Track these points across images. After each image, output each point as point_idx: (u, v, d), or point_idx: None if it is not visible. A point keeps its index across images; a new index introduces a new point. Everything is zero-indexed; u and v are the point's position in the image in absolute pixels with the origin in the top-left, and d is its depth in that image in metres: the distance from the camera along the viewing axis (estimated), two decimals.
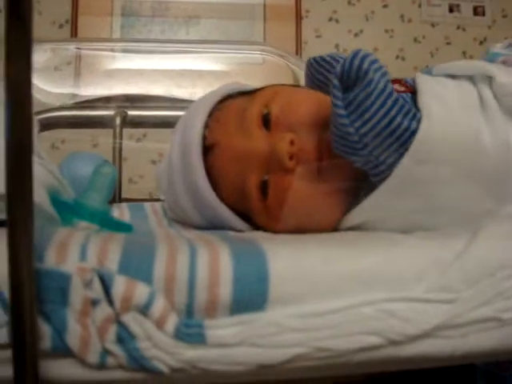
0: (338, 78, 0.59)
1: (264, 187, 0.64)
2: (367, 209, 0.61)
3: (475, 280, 0.49)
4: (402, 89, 0.67)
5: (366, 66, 0.57)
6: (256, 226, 0.68)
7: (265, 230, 0.66)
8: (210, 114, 0.70)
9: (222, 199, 0.67)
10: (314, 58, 0.74)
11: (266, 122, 0.65)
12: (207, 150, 0.67)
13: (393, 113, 0.56)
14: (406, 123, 0.56)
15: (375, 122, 0.56)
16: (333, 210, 0.64)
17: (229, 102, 0.72)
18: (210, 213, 0.68)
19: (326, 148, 0.61)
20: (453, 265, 0.49)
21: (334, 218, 0.64)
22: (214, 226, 0.69)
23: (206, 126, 0.68)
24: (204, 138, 0.67)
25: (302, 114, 0.65)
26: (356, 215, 0.62)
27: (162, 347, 0.43)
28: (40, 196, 0.57)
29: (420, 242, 0.52)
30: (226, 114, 0.69)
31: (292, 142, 0.62)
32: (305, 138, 0.63)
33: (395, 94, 0.57)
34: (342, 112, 0.57)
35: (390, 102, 0.56)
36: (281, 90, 0.70)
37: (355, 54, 0.57)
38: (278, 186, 0.63)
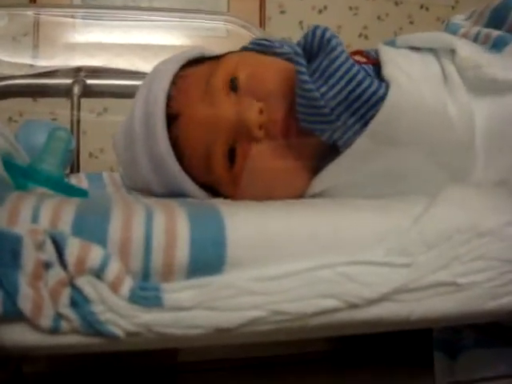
0: (302, 46, 0.58)
1: (231, 155, 0.63)
2: (330, 174, 0.61)
3: (433, 244, 0.49)
4: (364, 60, 0.66)
5: (328, 35, 0.58)
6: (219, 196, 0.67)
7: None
8: (173, 82, 0.67)
9: (187, 171, 0.65)
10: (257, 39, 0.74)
11: (233, 87, 0.64)
12: (171, 119, 0.65)
13: (359, 77, 0.56)
14: (373, 87, 0.56)
15: (342, 86, 0.56)
16: (299, 179, 0.63)
17: (192, 69, 0.70)
18: (173, 185, 0.66)
19: (294, 117, 0.60)
20: (411, 229, 0.49)
21: (300, 186, 0.64)
22: (175, 195, 0.67)
23: (170, 94, 0.66)
24: (168, 107, 0.66)
25: (270, 82, 0.64)
26: (319, 181, 0.62)
27: (116, 311, 0.43)
28: None
29: (379, 206, 0.53)
30: (190, 81, 0.67)
31: (261, 111, 0.61)
32: (273, 106, 0.62)
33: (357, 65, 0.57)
34: (307, 78, 0.57)
35: (355, 68, 0.56)
36: (247, 56, 0.69)
37: (317, 26, 0.59)
38: (245, 154, 0.62)
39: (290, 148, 0.62)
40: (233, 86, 0.64)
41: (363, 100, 0.56)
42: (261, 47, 0.72)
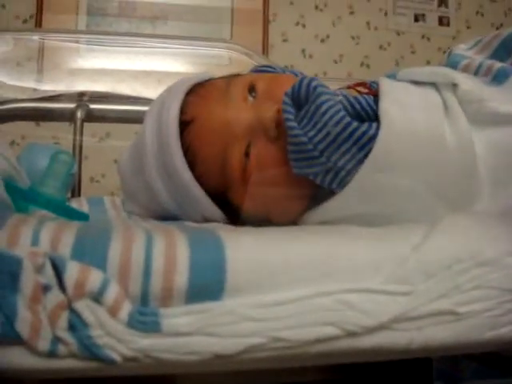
0: (289, 95, 0.60)
1: (247, 156, 0.64)
2: (327, 211, 0.62)
3: (432, 273, 0.49)
4: (366, 91, 0.67)
5: (314, 83, 0.60)
6: (227, 210, 0.67)
7: (235, 211, 0.66)
8: (187, 94, 0.69)
9: (198, 180, 0.66)
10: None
11: (252, 94, 0.65)
12: (185, 126, 0.66)
13: (347, 119, 0.57)
14: (363, 128, 0.57)
15: (328, 129, 0.58)
16: (302, 189, 0.64)
17: (209, 82, 0.72)
18: (183, 196, 0.67)
19: None
20: (410, 257, 0.49)
21: (302, 198, 0.65)
22: (182, 211, 0.68)
23: (184, 103, 0.67)
24: (182, 114, 0.66)
25: (287, 87, 0.64)
26: (316, 215, 0.63)
27: (114, 335, 0.42)
28: None
29: (378, 234, 0.53)
30: (207, 90, 0.69)
31: (278, 111, 0.62)
32: None
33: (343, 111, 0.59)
34: (294, 124, 0.59)
35: (342, 113, 0.57)
36: (262, 73, 0.71)
37: (304, 77, 0.62)
38: (259, 154, 0.63)
39: None
40: (251, 93, 0.66)
41: (353, 140, 0.58)
42: (264, 72, 0.74)
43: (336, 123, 0.57)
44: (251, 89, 0.66)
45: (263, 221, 0.63)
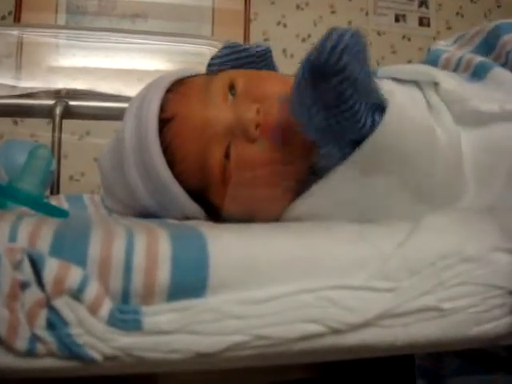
0: (310, 66, 0.54)
1: (227, 157, 0.63)
2: (312, 198, 0.61)
3: (416, 269, 0.48)
4: None
5: (342, 63, 0.51)
6: (207, 208, 0.66)
7: (216, 210, 0.65)
8: (168, 91, 0.68)
9: (177, 178, 0.65)
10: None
11: (232, 93, 0.64)
12: (165, 123, 0.65)
13: (358, 115, 0.54)
14: (368, 121, 0.55)
15: (338, 119, 0.54)
16: (285, 186, 0.63)
17: (189, 79, 0.71)
18: (162, 194, 0.66)
19: (289, 121, 0.59)
20: (394, 254, 0.49)
21: (284, 195, 0.63)
22: (162, 209, 0.67)
23: (164, 101, 0.66)
24: (162, 111, 0.65)
25: (266, 86, 0.64)
26: (299, 205, 0.62)
27: (94, 334, 0.41)
28: None
29: (361, 230, 0.52)
30: (187, 87, 0.68)
31: (258, 112, 0.62)
32: (269, 108, 0.62)
33: (364, 90, 0.54)
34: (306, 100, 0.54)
35: (358, 105, 0.54)
36: (243, 69, 0.70)
37: (336, 45, 0.51)
38: (239, 154, 0.62)
39: (281, 153, 0.61)
40: (231, 92, 0.65)
41: (352, 134, 0.55)
42: (228, 56, 0.73)
43: (352, 106, 0.53)
44: (231, 87, 0.65)
45: (245, 219, 0.62)
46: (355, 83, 0.53)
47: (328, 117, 0.54)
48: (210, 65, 0.74)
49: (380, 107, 0.56)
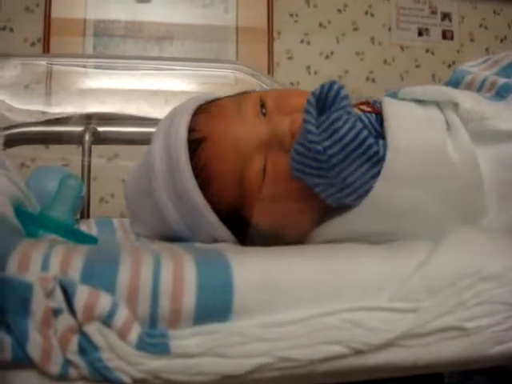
0: (316, 96, 0.59)
1: (265, 170, 0.64)
2: (335, 230, 0.62)
3: (437, 289, 0.49)
4: (369, 109, 0.67)
5: (343, 93, 0.59)
6: (237, 230, 0.67)
7: (246, 230, 0.66)
8: (195, 114, 0.69)
9: (209, 200, 0.65)
10: None
11: (263, 111, 0.66)
12: (197, 144, 0.65)
13: (363, 135, 0.57)
14: (376, 147, 0.57)
15: (345, 143, 0.56)
16: (316, 200, 0.63)
17: (217, 100, 0.72)
18: (192, 216, 0.66)
19: None
20: (414, 274, 0.50)
21: (312, 214, 0.65)
22: (191, 233, 0.68)
23: (193, 122, 0.67)
24: (192, 133, 0.66)
25: (296, 99, 0.66)
26: (324, 234, 0.63)
27: (124, 358, 0.43)
28: (3, 206, 0.56)
29: (382, 252, 0.53)
30: (217, 107, 0.69)
31: (292, 122, 0.63)
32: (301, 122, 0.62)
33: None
34: (313, 129, 0.57)
35: (359, 127, 0.57)
36: (268, 90, 0.72)
37: (334, 81, 0.60)
38: (276, 166, 0.63)
39: None
40: (262, 110, 0.66)
41: (367, 157, 0.57)
42: None
43: (354, 138, 0.57)
44: (262, 104, 0.66)
45: (273, 239, 0.63)
46: (354, 119, 0.58)
47: (344, 146, 0.57)
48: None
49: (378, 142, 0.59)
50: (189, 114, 0.68)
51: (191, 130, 0.67)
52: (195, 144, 0.66)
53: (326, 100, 0.60)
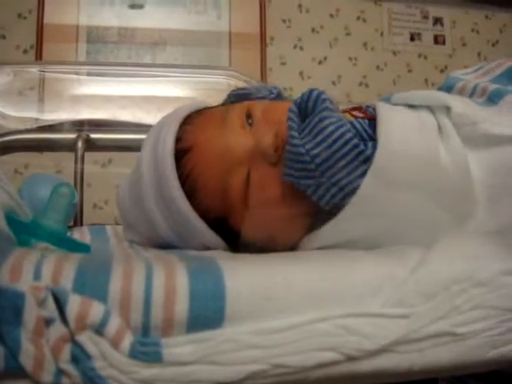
0: (297, 104, 0.61)
1: (248, 182, 0.64)
2: (325, 235, 0.62)
3: (430, 295, 0.49)
4: (361, 115, 0.68)
5: (322, 96, 0.61)
6: (227, 238, 0.67)
7: (236, 238, 0.66)
8: (182, 125, 0.69)
9: (197, 209, 0.66)
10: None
11: (249, 122, 0.66)
12: (183, 154, 0.66)
13: (347, 136, 0.58)
14: (361, 146, 0.58)
15: (329, 143, 0.58)
16: (303, 210, 0.64)
17: (205, 110, 0.72)
18: (181, 225, 0.67)
19: None
20: (408, 280, 0.50)
21: (302, 221, 0.65)
22: (182, 241, 0.68)
23: (179, 134, 0.68)
24: (179, 142, 0.67)
25: (282, 112, 0.65)
26: (314, 241, 0.63)
27: (117, 366, 0.43)
28: None
29: (375, 258, 0.53)
30: (204, 117, 0.70)
31: (276, 135, 0.63)
32: (287, 131, 0.63)
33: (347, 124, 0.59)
34: (295, 134, 0.59)
35: (344, 128, 0.58)
36: (257, 101, 0.72)
37: (313, 89, 0.62)
38: (260, 179, 0.63)
39: None
40: (248, 120, 0.66)
41: (351, 158, 0.58)
42: (241, 96, 0.75)
43: (337, 138, 0.58)
44: (248, 115, 0.67)
45: (264, 246, 0.63)
46: (337, 116, 0.60)
47: (328, 147, 0.58)
48: (229, 96, 0.77)
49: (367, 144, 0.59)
50: (176, 123, 0.69)
51: (178, 139, 0.67)
52: (181, 154, 0.66)
53: (306, 107, 0.61)
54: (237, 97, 0.76)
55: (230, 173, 0.64)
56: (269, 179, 0.63)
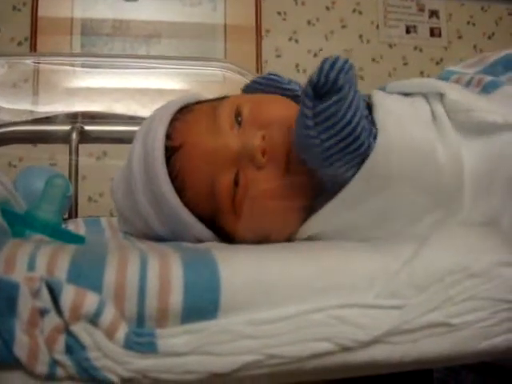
0: (312, 86, 0.57)
1: (235, 184, 0.63)
2: (321, 220, 0.62)
3: (424, 286, 0.49)
4: None
5: (341, 81, 0.54)
6: (219, 233, 0.67)
7: (227, 235, 0.66)
8: (172, 121, 0.69)
9: (187, 205, 0.65)
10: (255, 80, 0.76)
11: (238, 121, 0.65)
12: (173, 151, 0.66)
13: (358, 131, 0.56)
14: (367, 142, 0.57)
15: (341, 137, 0.56)
16: (296, 209, 0.64)
17: (194, 106, 0.71)
18: (173, 221, 0.66)
19: (294, 150, 0.61)
20: (401, 271, 0.50)
21: (296, 217, 0.64)
22: (175, 235, 0.68)
23: (169, 130, 0.67)
24: (169, 140, 0.66)
25: (271, 112, 0.65)
26: (310, 226, 0.63)
27: (112, 357, 0.43)
28: None
29: (368, 249, 0.53)
30: (193, 116, 0.69)
31: (263, 138, 0.62)
32: (275, 133, 0.63)
33: (360, 110, 0.56)
34: (310, 123, 0.56)
35: (356, 120, 0.56)
36: (248, 95, 0.71)
37: (332, 66, 0.55)
38: (248, 182, 0.63)
39: (289, 178, 0.62)
40: (237, 119, 0.65)
41: (358, 153, 0.57)
42: (268, 81, 0.74)
43: (350, 133, 0.55)
44: (237, 114, 0.66)
45: (255, 243, 0.63)
46: (351, 104, 0.56)
47: (339, 141, 0.56)
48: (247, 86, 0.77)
49: (372, 132, 0.58)
50: (167, 119, 0.68)
51: (168, 136, 0.67)
52: (171, 151, 0.66)
53: (323, 88, 0.55)
54: (264, 80, 0.75)
55: (217, 175, 0.64)
56: (257, 182, 0.63)
